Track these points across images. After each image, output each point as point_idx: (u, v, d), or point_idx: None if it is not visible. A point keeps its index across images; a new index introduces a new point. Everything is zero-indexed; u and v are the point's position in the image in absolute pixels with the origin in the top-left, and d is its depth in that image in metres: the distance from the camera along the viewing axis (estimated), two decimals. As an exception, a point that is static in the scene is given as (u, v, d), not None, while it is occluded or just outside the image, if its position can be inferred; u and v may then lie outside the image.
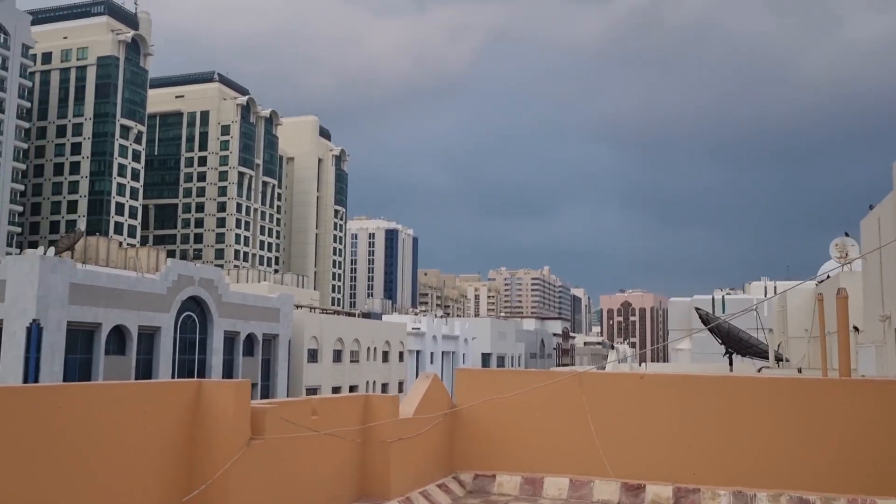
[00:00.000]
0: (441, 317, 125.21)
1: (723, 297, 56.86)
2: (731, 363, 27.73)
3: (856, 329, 19.68)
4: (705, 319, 27.17)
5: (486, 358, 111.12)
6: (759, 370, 23.79)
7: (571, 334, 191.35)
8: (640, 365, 41.42)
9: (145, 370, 50.87)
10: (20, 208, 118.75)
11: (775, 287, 62.03)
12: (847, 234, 26.31)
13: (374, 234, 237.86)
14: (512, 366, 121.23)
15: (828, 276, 25.71)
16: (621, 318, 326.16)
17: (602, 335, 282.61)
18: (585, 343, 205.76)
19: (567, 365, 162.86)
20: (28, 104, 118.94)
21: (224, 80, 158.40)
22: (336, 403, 6.72)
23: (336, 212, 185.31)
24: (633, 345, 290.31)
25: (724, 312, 53.84)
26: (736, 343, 26.64)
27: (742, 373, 27.10)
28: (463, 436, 8.64)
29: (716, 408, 7.98)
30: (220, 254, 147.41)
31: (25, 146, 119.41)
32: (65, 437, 4.00)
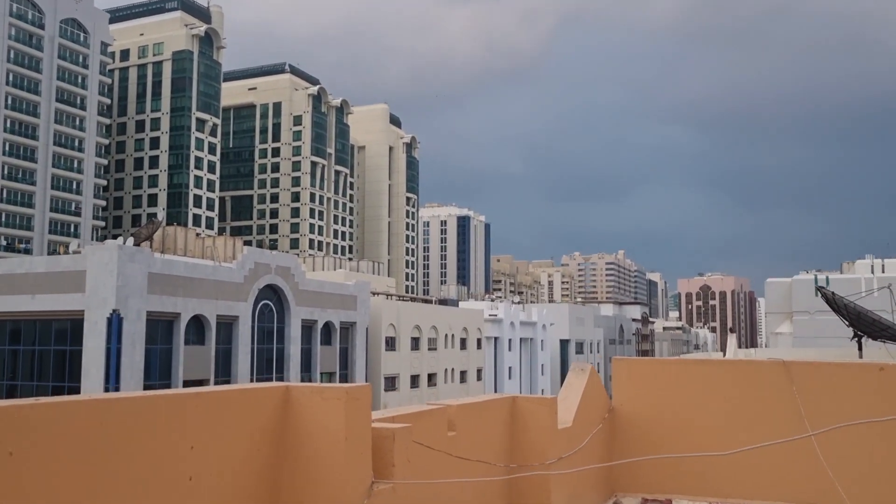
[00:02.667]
0: (517, 303, 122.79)
1: (826, 277, 52.85)
2: (860, 348, 24.70)
3: None
4: (831, 300, 24.16)
5: (564, 344, 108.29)
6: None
7: (650, 319, 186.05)
8: (750, 351, 38.38)
9: (224, 360, 50.34)
10: (103, 203, 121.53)
11: (883, 265, 57.52)
12: None
13: (445, 221, 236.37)
14: (591, 352, 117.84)
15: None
16: (700, 303, 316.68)
17: (681, 320, 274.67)
18: (665, 328, 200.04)
19: (647, 352, 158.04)
20: (108, 101, 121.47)
21: (295, 71, 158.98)
22: (477, 411, 4.67)
23: (408, 199, 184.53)
24: (713, 329, 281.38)
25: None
26: (868, 325, 23.61)
27: (875, 359, 24.10)
28: (625, 447, 6.52)
29: None
30: (294, 243, 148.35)
31: (107, 142, 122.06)
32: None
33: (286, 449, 2.93)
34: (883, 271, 55.52)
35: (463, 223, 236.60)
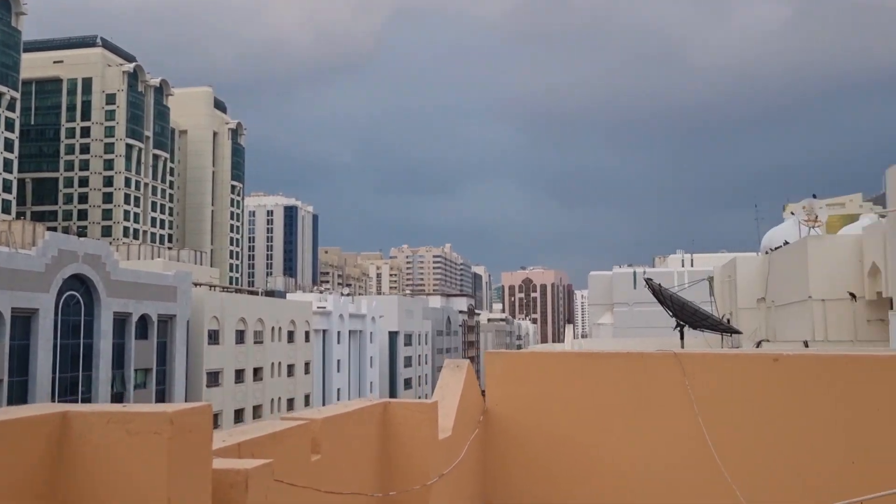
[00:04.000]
0: (346, 295, 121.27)
1: (644, 270, 55.96)
2: (682, 337, 25.82)
3: (852, 296, 17.87)
4: (658, 291, 25.05)
5: (393, 336, 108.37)
6: (759, 344, 21.84)
7: (476, 311, 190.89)
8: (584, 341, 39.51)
9: (21, 357, 45.27)
10: None
11: (692, 259, 61.76)
12: (815, 196, 24.68)
13: (272, 211, 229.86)
14: (420, 344, 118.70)
15: (786, 242, 24.08)
16: (522, 295, 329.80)
17: (504, 312, 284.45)
18: (489, 320, 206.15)
19: (473, 343, 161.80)
20: None
21: (108, 46, 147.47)
22: (344, 424, 3.58)
23: (233, 187, 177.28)
24: (534, 321, 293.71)
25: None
26: (690, 315, 24.68)
27: (695, 348, 25.28)
28: (500, 454, 5.69)
29: None
30: (107, 231, 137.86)
31: None
32: None
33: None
34: (692, 265, 59.55)
35: (290, 213, 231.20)
